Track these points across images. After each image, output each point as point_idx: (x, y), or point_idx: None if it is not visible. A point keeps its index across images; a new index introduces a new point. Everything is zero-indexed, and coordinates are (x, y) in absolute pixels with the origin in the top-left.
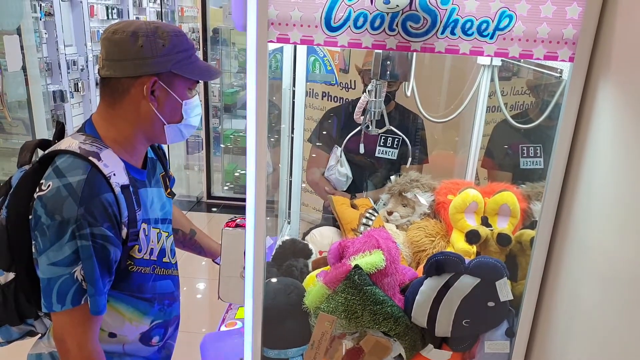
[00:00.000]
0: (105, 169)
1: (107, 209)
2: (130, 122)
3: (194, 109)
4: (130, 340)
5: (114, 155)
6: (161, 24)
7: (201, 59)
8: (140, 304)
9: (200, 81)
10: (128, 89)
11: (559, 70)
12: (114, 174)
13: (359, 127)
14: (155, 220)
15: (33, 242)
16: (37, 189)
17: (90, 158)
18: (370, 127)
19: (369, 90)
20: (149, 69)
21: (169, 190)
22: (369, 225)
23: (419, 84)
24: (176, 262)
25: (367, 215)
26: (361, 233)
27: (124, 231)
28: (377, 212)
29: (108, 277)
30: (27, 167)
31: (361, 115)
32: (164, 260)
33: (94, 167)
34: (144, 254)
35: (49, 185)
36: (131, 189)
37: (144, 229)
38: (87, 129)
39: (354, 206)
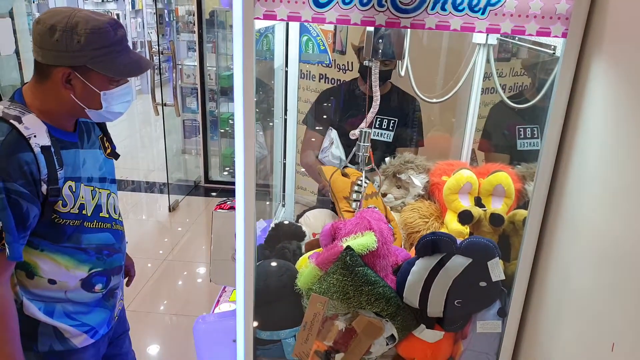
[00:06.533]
0: (26, 131)
1: (22, 167)
2: (53, 99)
3: (116, 98)
4: (71, 286)
5: (36, 119)
6: (85, 20)
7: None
8: (75, 253)
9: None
10: (49, 74)
11: (552, 47)
12: (35, 136)
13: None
14: (89, 179)
15: None
16: None
17: (11, 121)
18: (361, 165)
19: (354, 133)
20: (64, 61)
21: (109, 150)
22: (360, 192)
23: (414, 63)
24: (119, 217)
25: (359, 182)
26: (354, 201)
27: (44, 187)
28: (369, 180)
29: (23, 229)
30: None
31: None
32: (101, 215)
33: (14, 129)
34: (70, 208)
35: None
36: (52, 150)
37: (69, 186)
38: (16, 96)
39: (345, 175)
